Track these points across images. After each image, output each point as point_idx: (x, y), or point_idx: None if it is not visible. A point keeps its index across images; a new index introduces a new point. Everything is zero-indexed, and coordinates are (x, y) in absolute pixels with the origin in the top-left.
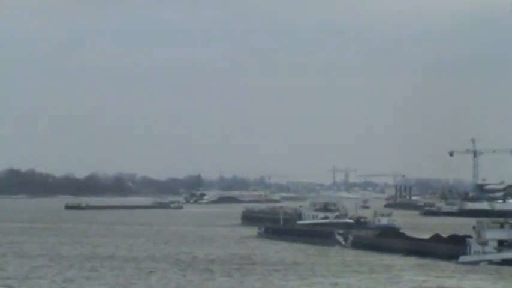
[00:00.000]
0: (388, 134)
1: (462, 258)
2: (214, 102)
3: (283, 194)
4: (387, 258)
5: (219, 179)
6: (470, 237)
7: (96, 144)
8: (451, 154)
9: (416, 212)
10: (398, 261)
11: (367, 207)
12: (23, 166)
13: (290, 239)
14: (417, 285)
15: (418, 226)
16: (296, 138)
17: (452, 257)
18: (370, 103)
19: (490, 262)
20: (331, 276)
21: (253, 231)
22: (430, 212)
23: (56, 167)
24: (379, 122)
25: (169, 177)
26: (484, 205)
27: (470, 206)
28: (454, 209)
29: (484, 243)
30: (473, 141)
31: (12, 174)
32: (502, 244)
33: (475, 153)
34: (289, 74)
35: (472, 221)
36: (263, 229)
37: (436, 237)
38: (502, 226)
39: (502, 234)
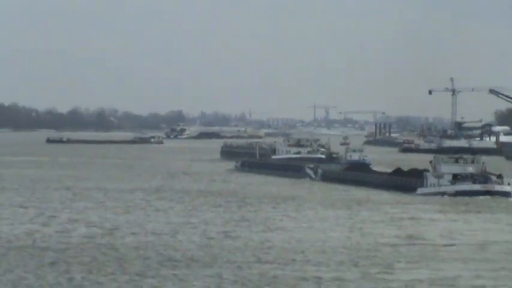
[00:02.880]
0: (368, 72)
1: (419, 191)
2: (197, 40)
3: (266, 131)
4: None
5: (200, 115)
6: (428, 171)
7: (79, 80)
8: (430, 92)
9: (395, 149)
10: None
11: (347, 144)
12: (6, 100)
13: (265, 172)
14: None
15: (394, 162)
16: (277, 75)
17: (410, 189)
18: (351, 41)
19: (444, 194)
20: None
21: (231, 165)
22: (408, 148)
23: (39, 102)
24: (359, 60)
25: (151, 112)
26: (461, 142)
27: (448, 143)
28: (432, 146)
29: (439, 177)
30: (451, 79)
31: None
32: (456, 177)
33: (454, 92)
34: (270, 14)
35: None
36: (240, 163)
37: (397, 171)
38: (456, 161)
39: (456, 169)
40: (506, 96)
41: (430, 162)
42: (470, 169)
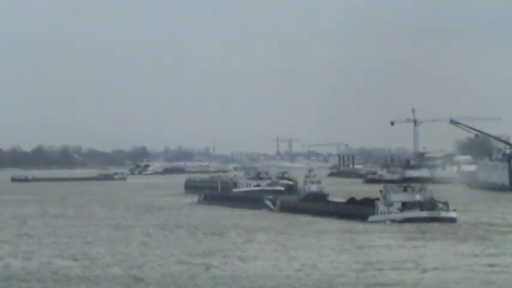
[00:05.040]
0: (330, 104)
1: (371, 218)
2: (158, 76)
3: (234, 165)
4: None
5: (164, 150)
6: (379, 200)
7: (43, 118)
8: (392, 123)
9: (359, 180)
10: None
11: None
12: None
13: (226, 204)
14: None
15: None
16: (240, 108)
17: (363, 217)
18: (311, 73)
19: (394, 221)
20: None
21: (194, 198)
22: (372, 179)
23: (3, 140)
24: (321, 92)
25: (114, 149)
26: (424, 172)
27: (410, 173)
28: (396, 176)
29: (389, 205)
30: (413, 110)
31: None
32: (404, 205)
33: (415, 122)
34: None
35: None
36: (202, 196)
37: (351, 201)
38: (405, 190)
39: (405, 197)
40: (466, 126)
41: (381, 191)
42: (418, 197)
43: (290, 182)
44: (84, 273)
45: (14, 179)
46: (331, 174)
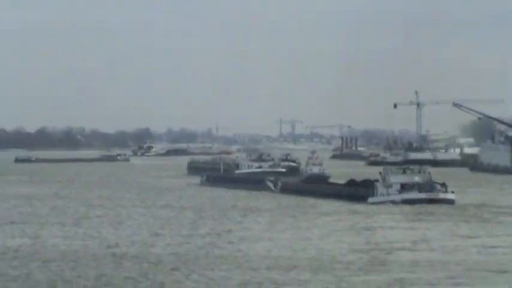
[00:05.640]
0: (334, 85)
1: (370, 199)
2: (162, 57)
3: (237, 147)
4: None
5: (167, 131)
6: (378, 181)
7: (46, 98)
8: (395, 106)
9: (362, 162)
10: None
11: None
12: None
13: (228, 186)
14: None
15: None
16: (243, 90)
17: (362, 198)
18: (315, 54)
19: (393, 202)
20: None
21: (197, 179)
22: (375, 162)
23: (6, 121)
24: (325, 73)
25: (118, 130)
26: (426, 155)
27: (413, 156)
28: (398, 159)
29: (388, 186)
30: (416, 93)
31: None
32: (403, 187)
33: (419, 105)
34: (233, 29)
35: None
36: (205, 177)
37: (351, 182)
38: (404, 172)
39: (404, 178)
40: (469, 108)
41: (380, 173)
42: (417, 179)
43: (293, 164)
44: (96, 251)
45: (17, 160)
46: (334, 157)
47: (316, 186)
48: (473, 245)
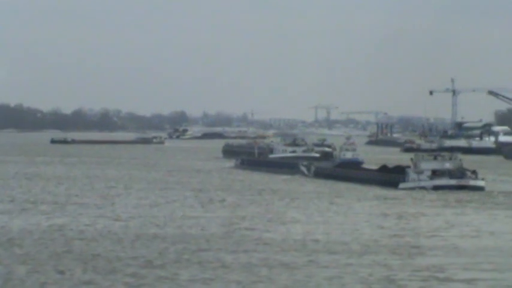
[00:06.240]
0: (370, 72)
1: (401, 185)
2: (200, 41)
3: (274, 131)
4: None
5: (203, 115)
6: (409, 167)
7: (83, 80)
8: (431, 93)
9: (398, 149)
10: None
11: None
12: (11, 101)
13: (262, 170)
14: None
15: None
16: (279, 75)
17: (394, 184)
18: (352, 40)
19: (423, 188)
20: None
21: (232, 163)
22: (410, 148)
23: (44, 102)
24: (362, 60)
25: (154, 113)
26: (461, 142)
27: (448, 143)
28: (433, 146)
29: (419, 172)
30: (452, 80)
31: (2, 108)
32: (434, 173)
33: (454, 92)
34: (273, 14)
35: None
36: (239, 161)
37: (383, 168)
38: (435, 158)
39: (435, 165)
40: (504, 97)
41: (411, 159)
42: (448, 165)
43: (327, 149)
44: (138, 231)
45: (53, 141)
46: (369, 143)
47: (349, 172)
48: (505, 232)
